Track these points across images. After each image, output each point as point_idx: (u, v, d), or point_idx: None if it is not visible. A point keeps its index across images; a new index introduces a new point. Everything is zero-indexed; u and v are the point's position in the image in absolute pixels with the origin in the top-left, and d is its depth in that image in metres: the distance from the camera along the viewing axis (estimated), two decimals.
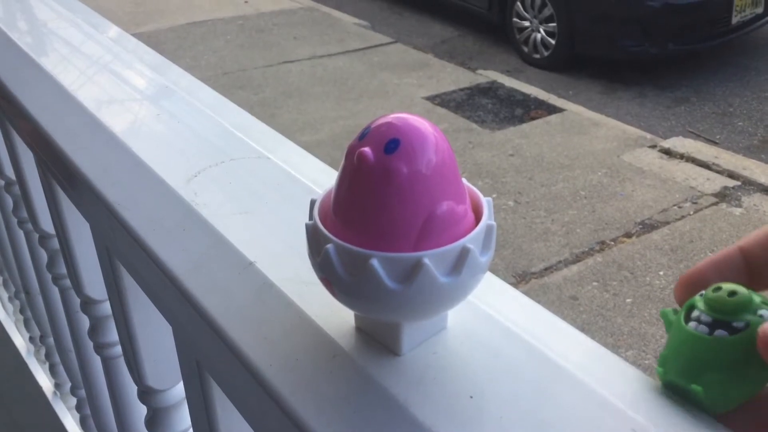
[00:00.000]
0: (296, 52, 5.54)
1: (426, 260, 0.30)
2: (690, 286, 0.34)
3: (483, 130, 4.30)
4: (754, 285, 0.33)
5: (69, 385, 1.05)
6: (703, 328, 0.31)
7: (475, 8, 5.74)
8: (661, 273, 3.01)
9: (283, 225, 0.44)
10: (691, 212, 3.39)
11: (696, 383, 0.31)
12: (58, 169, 0.58)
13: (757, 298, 0.31)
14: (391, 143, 0.30)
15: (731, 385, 0.31)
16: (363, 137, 0.31)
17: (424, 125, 0.31)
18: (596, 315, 2.82)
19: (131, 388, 0.71)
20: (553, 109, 4.55)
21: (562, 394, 0.32)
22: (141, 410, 0.70)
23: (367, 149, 0.30)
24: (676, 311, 0.33)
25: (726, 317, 0.30)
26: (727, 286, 0.31)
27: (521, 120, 4.44)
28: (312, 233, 0.32)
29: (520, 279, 3.01)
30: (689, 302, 0.32)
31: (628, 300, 2.89)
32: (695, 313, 0.31)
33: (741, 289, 0.31)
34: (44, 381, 1.20)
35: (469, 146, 4.11)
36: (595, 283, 2.99)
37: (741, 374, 0.30)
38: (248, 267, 0.40)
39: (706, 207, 3.43)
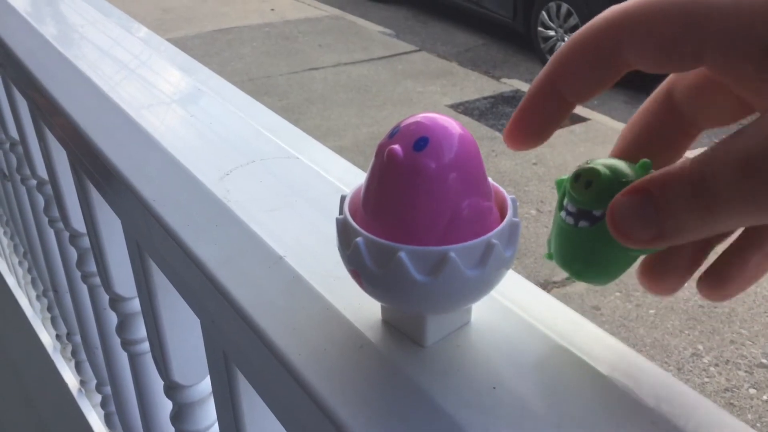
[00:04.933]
0: (321, 59, 5.58)
1: (452, 254, 0.30)
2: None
3: None
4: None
5: (94, 382, 1.06)
6: (570, 219, 0.31)
7: (499, 17, 5.75)
8: (685, 284, 2.99)
9: (312, 222, 0.45)
10: None
11: (570, 269, 0.32)
12: (93, 167, 0.59)
13: (622, 177, 0.30)
14: (420, 141, 0.31)
15: (600, 270, 0.32)
16: (393, 135, 0.32)
17: (452, 124, 0.32)
18: (618, 326, 2.81)
19: (157, 385, 0.72)
20: (577, 119, 4.55)
21: (583, 390, 0.32)
22: (166, 406, 0.71)
23: (396, 146, 0.31)
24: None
25: (587, 207, 0.30)
26: (586, 173, 0.30)
27: None
28: (342, 227, 0.33)
29: (542, 288, 3.00)
30: (563, 186, 0.32)
31: (651, 311, 2.88)
32: (566, 201, 0.32)
33: (598, 176, 0.30)
34: (70, 378, 1.22)
35: (492, 154, 4.11)
36: (617, 294, 2.97)
37: (607, 260, 0.31)
38: (278, 261, 0.41)
39: None
